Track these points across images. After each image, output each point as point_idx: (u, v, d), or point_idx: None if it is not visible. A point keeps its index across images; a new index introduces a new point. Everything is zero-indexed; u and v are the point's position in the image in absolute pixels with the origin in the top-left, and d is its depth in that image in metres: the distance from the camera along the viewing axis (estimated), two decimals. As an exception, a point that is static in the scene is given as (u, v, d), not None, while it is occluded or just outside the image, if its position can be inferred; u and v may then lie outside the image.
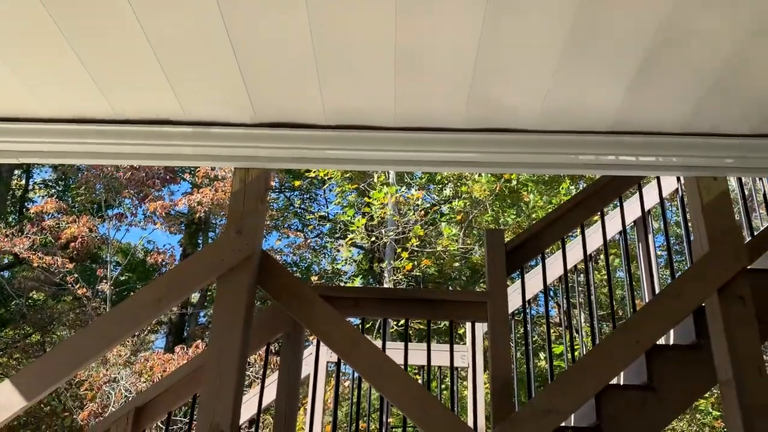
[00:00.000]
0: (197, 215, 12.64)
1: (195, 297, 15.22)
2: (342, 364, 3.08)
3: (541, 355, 11.20)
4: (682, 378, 2.93)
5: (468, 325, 3.68)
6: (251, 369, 9.07)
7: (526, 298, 3.71)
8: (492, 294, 2.97)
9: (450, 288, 12.77)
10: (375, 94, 2.46)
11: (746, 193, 3.86)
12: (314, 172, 11.24)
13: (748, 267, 3.23)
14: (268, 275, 2.69)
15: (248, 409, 3.58)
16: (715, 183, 2.92)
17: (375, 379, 2.53)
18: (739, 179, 3.57)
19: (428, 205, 13.57)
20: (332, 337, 2.60)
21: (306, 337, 3.96)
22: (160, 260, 12.12)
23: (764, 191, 3.80)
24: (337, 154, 2.72)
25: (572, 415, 3.19)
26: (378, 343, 3.36)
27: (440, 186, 13.45)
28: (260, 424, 3.34)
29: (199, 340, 11.34)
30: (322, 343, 3.09)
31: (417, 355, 3.50)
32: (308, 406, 3.36)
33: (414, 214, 11.17)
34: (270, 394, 3.47)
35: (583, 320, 6.11)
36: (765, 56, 2.22)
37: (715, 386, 2.76)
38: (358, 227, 10.05)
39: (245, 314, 2.47)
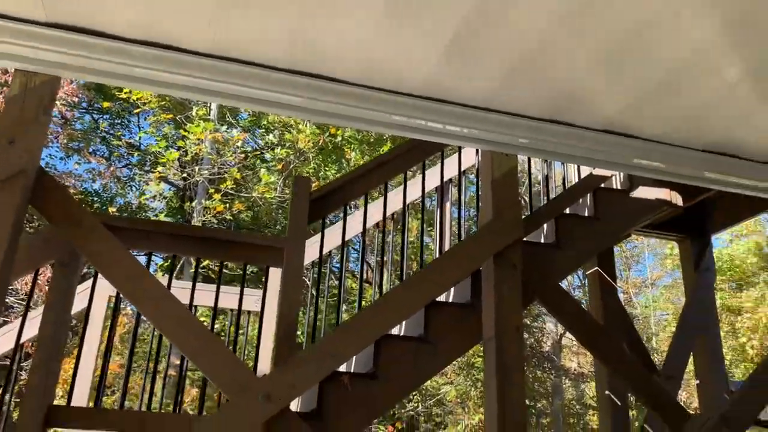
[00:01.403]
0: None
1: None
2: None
3: (344, 306, 11.59)
4: (454, 333, 3.18)
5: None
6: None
7: (330, 249, 3.79)
8: (291, 240, 2.97)
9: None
10: (189, 14, 2.29)
11: (534, 173, 4.25)
12: (125, 93, 10.34)
13: (524, 239, 3.59)
14: (45, 196, 2.43)
15: (8, 341, 3.25)
16: (506, 159, 3.17)
17: (154, 316, 2.42)
18: (529, 159, 3.92)
19: (250, 149, 13.23)
20: (112, 269, 2.42)
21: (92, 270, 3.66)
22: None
23: (543, 172, 4.21)
24: (143, 73, 2.49)
25: (354, 362, 3.34)
26: (188, 283, 3.22)
27: (265, 131, 13.16)
28: (20, 357, 3.05)
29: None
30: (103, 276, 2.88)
31: (213, 296, 3.41)
32: (80, 343, 3.12)
33: (233, 155, 10.82)
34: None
35: (386, 276, 6.42)
36: (564, 46, 2.41)
37: (481, 342, 3.04)
38: (169, 160, 9.48)
39: (10, 234, 2.21)
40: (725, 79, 2.46)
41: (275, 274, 3.26)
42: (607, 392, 4.16)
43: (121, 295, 2.99)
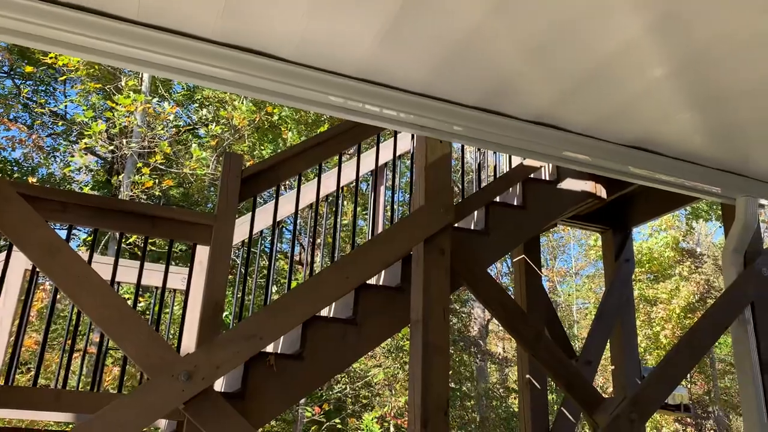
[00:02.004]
0: None
1: None
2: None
3: (274, 288, 11.50)
4: (382, 315, 3.21)
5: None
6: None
7: (261, 229, 3.75)
8: (220, 217, 2.91)
9: (193, 213, 12.31)
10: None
11: (467, 162, 4.30)
12: (51, 59, 9.80)
13: (455, 225, 3.65)
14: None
15: None
16: (440, 145, 3.21)
17: (73, 291, 2.33)
18: (463, 147, 3.98)
19: (183, 123, 12.86)
20: (27, 241, 2.31)
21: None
22: None
23: (478, 160, 4.29)
24: (68, 37, 2.38)
25: (281, 343, 3.32)
26: (111, 259, 3.10)
27: (199, 105, 12.81)
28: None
29: None
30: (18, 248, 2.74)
31: (146, 274, 3.30)
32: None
33: (164, 129, 10.48)
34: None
35: (319, 258, 6.42)
36: (498, 36, 2.45)
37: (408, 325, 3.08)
38: (96, 132, 9.06)
39: None
40: (650, 77, 2.55)
41: (203, 252, 3.19)
42: (527, 376, 4.31)
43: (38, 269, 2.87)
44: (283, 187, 3.47)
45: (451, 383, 19.08)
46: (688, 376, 19.40)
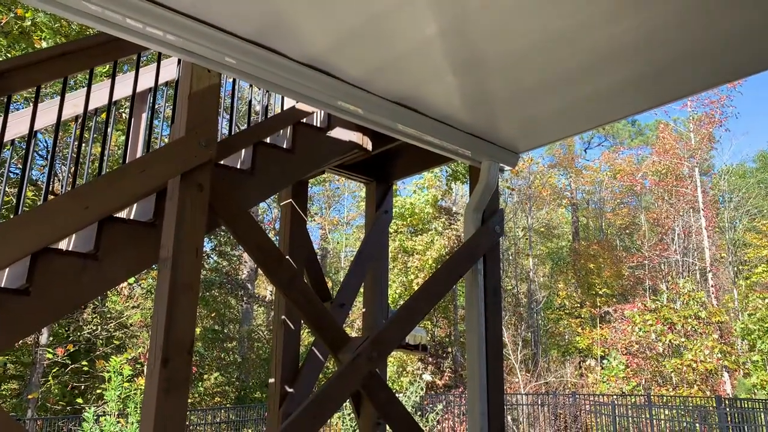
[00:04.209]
0: None
1: None
2: None
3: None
4: (129, 251, 2.98)
5: None
6: None
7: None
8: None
9: None
10: None
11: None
12: None
13: (220, 162, 3.51)
14: None
15: None
16: (207, 75, 3.02)
17: None
18: (235, 83, 3.80)
19: None
20: None
21: None
22: None
23: (249, 97, 4.15)
24: None
25: (6, 275, 2.92)
26: None
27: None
28: None
29: None
30: None
31: None
32: None
33: None
34: None
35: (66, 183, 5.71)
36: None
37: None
38: None
39: None
40: (422, 35, 2.63)
41: None
42: (283, 317, 4.38)
43: None
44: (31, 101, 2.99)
45: (215, 325, 18.91)
46: (434, 320, 21.61)
